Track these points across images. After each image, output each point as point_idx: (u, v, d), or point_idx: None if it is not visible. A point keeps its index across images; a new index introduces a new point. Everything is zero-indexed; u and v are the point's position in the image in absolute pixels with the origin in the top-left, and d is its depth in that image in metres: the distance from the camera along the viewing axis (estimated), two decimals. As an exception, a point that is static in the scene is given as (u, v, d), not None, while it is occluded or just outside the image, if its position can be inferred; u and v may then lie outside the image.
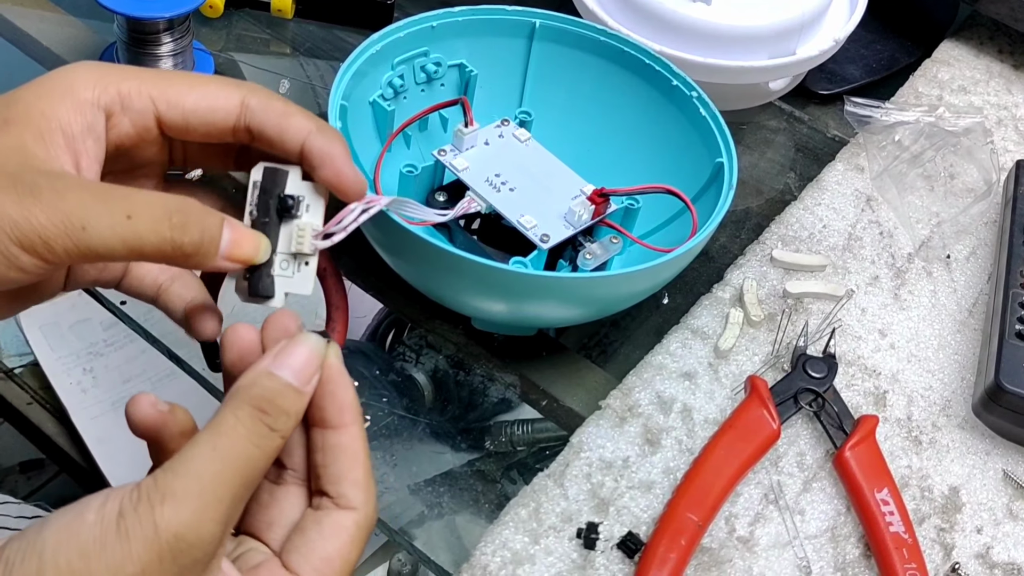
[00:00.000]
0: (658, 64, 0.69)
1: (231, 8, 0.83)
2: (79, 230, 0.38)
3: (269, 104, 0.45)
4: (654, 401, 0.64)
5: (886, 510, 0.60)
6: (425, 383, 0.74)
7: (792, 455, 0.63)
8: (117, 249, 0.39)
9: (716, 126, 0.67)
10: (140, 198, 0.40)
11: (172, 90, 0.44)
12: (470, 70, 0.70)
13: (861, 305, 0.71)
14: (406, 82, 0.68)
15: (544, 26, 0.70)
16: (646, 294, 0.64)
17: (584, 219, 0.63)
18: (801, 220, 0.75)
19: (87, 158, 0.42)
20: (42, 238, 0.38)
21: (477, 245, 0.64)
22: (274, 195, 0.45)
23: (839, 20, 0.83)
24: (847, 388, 0.66)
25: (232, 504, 0.37)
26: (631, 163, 0.71)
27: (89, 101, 0.42)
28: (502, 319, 0.66)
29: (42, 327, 0.99)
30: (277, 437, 0.39)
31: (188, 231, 0.40)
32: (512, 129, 0.68)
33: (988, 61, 0.89)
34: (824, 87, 0.86)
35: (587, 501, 0.60)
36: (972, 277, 0.74)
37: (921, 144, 0.78)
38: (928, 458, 0.64)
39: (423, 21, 0.67)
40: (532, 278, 0.58)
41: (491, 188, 0.64)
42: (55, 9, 0.81)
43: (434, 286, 0.63)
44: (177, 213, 0.40)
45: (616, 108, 0.72)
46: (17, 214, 0.37)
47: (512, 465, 0.72)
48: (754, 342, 0.68)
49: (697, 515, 0.58)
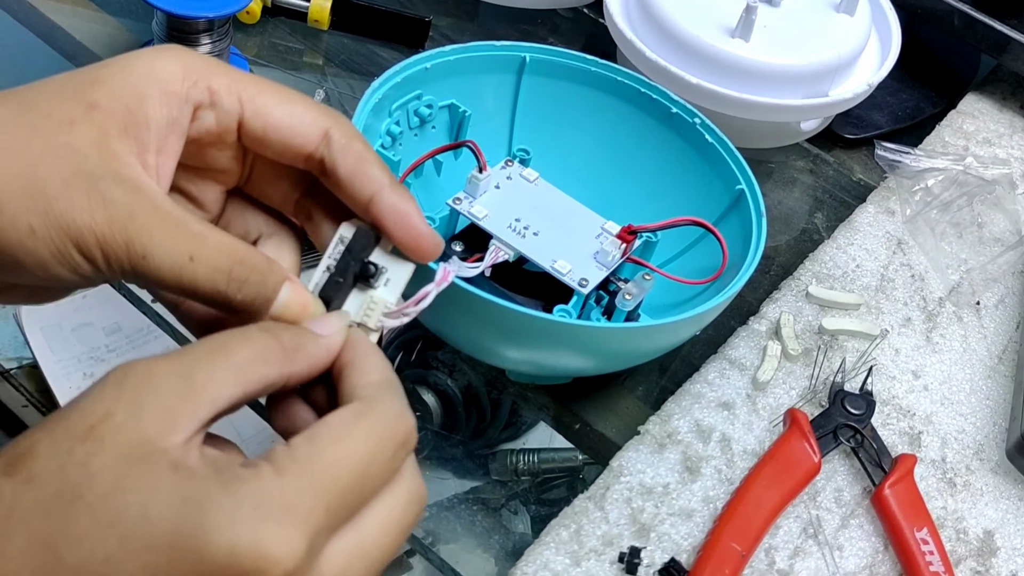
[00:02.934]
0: (655, 92, 0.68)
1: (267, 16, 0.82)
2: (140, 257, 0.37)
3: (350, 144, 0.43)
4: (693, 429, 0.63)
5: (926, 550, 0.60)
6: (434, 405, 0.73)
7: (830, 490, 0.63)
8: (170, 284, 0.38)
9: (727, 152, 0.66)
10: (209, 242, 0.38)
11: (261, 98, 0.42)
12: (463, 110, 0.67)
13: (895, 346, 0.70)
14: (402, 127, 0.65)
15: (534, 60, 0.68)
16: (694, 334, 0.63)
17: (615, 258, 0.62)
18: (835, 259, 0.75)
19: (166, 154, 0.40)
20: (103, 252, 0.37)
21: (508, 295, 0.61)
22: (358, 258, 0.43)
23: (871, 66, 0.83)
24: (882, 427, 0.66)
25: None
26: (637, 195, 0.70)
27: (177, 94, 0.40)
28: (546, 371, 0.64)
29: (44, 329, 0.97)
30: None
31: (245, 289, 0.39)
32: (519, 170, 0.65)
33: (1011, 115, 0.90)
34: (851, 132, 0.87)
35: (628, 525, 0.59)
36: (1001, 324, 0.74)
37: (952, 192, 0.78)
38: (963, 500, 0.64)
39: (417, 64, 0.64)
40: (610, 332, 0.56)
41: (516, 235, 0.61)
42: (89, 5, 0.80)
43: (471, 339, 0.61)
44: (240, 267, 0.39)
45: (615, 139, 0.70)
46: (84, 221, 0.37)
47: (515, 495, 0.71)
48: (791, 376, 0.67)
49: (740, 545, 0.57)
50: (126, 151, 0.39)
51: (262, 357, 0.37)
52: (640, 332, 0.59)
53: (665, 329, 0.57)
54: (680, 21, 0.77)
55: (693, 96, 0.76)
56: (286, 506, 0.33)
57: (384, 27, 0.83)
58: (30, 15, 0.78)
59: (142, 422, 0.34)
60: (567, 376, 0.66)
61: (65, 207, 0.36)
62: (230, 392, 0.36)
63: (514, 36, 0.88)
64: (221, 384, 0.35)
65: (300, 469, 0.34)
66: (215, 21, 0.72)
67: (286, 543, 0.33)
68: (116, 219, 0.37)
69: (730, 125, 0.77)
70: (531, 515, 0.69)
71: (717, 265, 0.62)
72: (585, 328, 0.56)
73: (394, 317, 0.44)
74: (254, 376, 0.36)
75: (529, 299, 0.62)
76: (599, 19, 0.87)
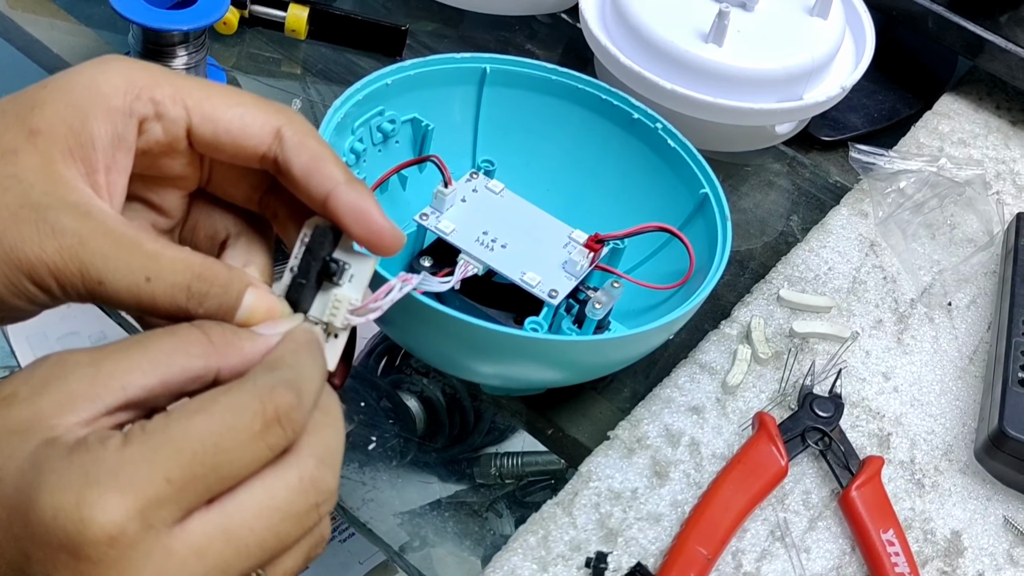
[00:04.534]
0: (616, 99, 0.68)
1: (244, 26, 0.82)
2: (95, 283, 0.37)
3: (303, 141, 0.42)
4: (662, 434, 0.64)
5: (892, 551, 0.60)
6: (418, 411, 0.73)
7: (798, 493, 0.63)
8: (129, 306, 0.38)
9: (690, 156, 0.66)
10: (164, 260, 0.38)
11: (208, 103, 0.42)
12: (425, 124, 0.68)
13: (865, 348, 0.71)
14: (365, 144, 0.65)
15: (495, 70, 0.68)
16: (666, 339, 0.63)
17: (584, 267, 0.62)
18: (807, 262, 0.75)
19: (115, 171, 0.40)
20: (57, 281, 0.37)
21: (478, 309, 0.62)
22: (318, 257, 0.43)
23: (845, 69, 0.84)
24: (851, 429, 0.67)
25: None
26: (603, 202, 0.70)
27: (121, 109, 0.40)
28: (520, 384, 0.65)
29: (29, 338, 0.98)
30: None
31: (206, 303, 0.39)
32: (484, 182, 0.65)
33: (987, 116, 0.90)
34: (827, 134, 0.88)
35: (595, 531, 0.59)
36: (972, 325, 0.74)
37: (924, 193, 0.79)
38: (931, 501, 0.65)
39: (378, 79, 0.64)
40: (580, 345, 0.57)
41: (484, 248, 0.62)
42: (67, 18, 0.81)
43: (443, 356, 0.61)
44: (198, 281, 0.39)
45: (578, 147, 0.70)
46: (34, 253, 0.37)
47: (499, 498, 0.72)
48: (761, 379, 0.68)
49: (707, 549, 0.58)
50: (73, 175, 0.39)
51: (184, 349, 0.37)
52: (611, 344, 0.59)
53: (636, 339, 0.58)
54: (654, 27, 0.78)
55: (668, 101, 0.77)
56: (115, 473, 0.33)
57: (361, 36, 0.84)
58: (8, 28, 0.79)
59: (40, 401, 0.34)
60: (540, 388, 0.67)
61: (14, 241, 0.37)
62: (142, 381, 0.36)
63: (493, 43, 0.89)
64: (132, 372, 0.35)
65: (144, 439, 0.34)
66: (190, 33, 0.72)
67: (109, 510, 0.32)
68: (67, 247, 0.37)
69: (705, 129, 0.78)
70: (515, 518, 0.70)
71: (685, 269, 0.63)
72: (555, 342, 0.57)
73: (360, 314, 0.43)
74: (174, 367, 0.36)
75: (500, 312, 0.62)
76: (577, 24, 0.88)
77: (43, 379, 0.35)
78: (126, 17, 0.69)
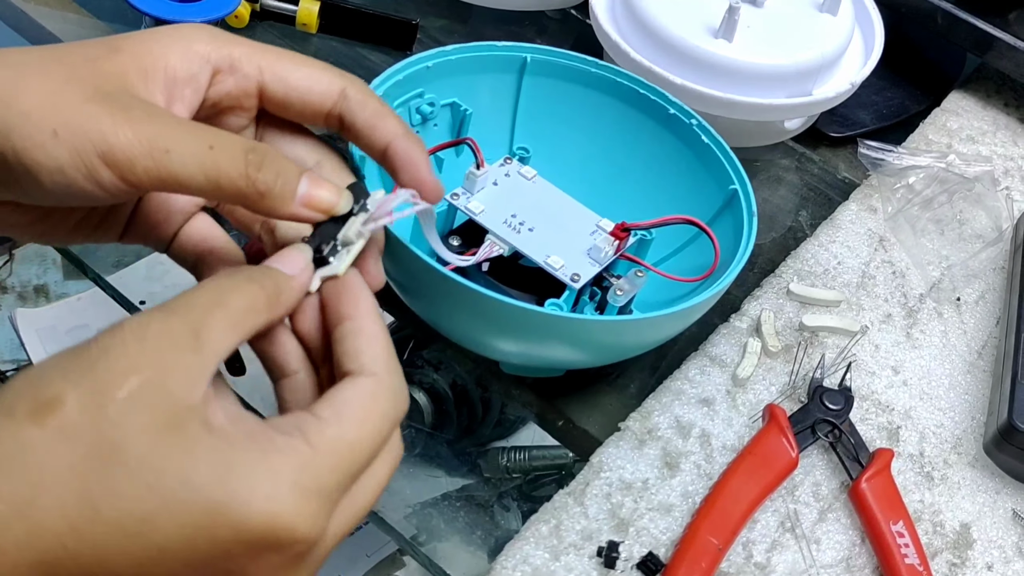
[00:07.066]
0: (653, 93, 0.69)
1: (256, 20, 0.83)
2: (163, 152, 0.39)
3: (367, 100, 0.46)
4: (673, 425, 0.64)
5: (901, 542, 0.60)
6: (425, 404, 0.74)
7: (808, 485, 0.64)
8: (196, 177, 0.40)
9: (722, 153, 0.67)
10: (224, 134, 0.41)
11: (280, 64, 0.45)
12: (464, 108, 0.69)
13: (875, 342, 0.71)
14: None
15: (535, 60, 0.69)
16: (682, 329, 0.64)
17: (609, 255, 0.63)
18: (816, 256, 0.76)
19: (181, 104, 0.43)
20: (126, 155, 0.39)
21: (503, 289, 0.63)
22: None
23: (854, 65, 0.84)
24: (861, 422, 0.67)
25: None
26: (632, 194, 0.71)
27: (200, 54, 0.43)
28: (538, 363, 0.65)
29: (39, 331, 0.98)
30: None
31: (264, 169, 0.41)
32: (517, 167, 0.67)
33: (995, 113, 0.90)
34: (836, 130, 0.88)
35: (607, 520, 0.60)
36: (981, 320, 0.75)
37: (933, 189, 0.79)
38: (940, 494, 0.65)
39: (419, 62, 0.66)
40: (597, 324, 0.58)
41: (511, 230, 0.63)
42: (79, 10, 0.81)
43: (465, 331, 0.62)
44: (254, 152, 0.41)
45: (613, 139, 0.71)
46: (106, 128, 0.38)
47: (506, 492, 0.72)
48: (771, 372, 0.68)
49: (718, 539, 0.58)
50: (142, 88, 0.41)
51: (253, 307, 0.39)
52: (628, 325, 0.59)
53: (653, 323, 0.58)
54: (664, 22, 0.78)
55: (678, 96, 0.77)
56: (319, 484, 0.36)
57: (372, 30, 0.84)
58: (20, 20, 0.79)
59: (168, 381, 0.35)
60: (560, 368, 0.67)
61: (88, 114, 0.39)
62: (229, 343, 0.38)
63: (503, 38, 0.89)
64: (223, 336, 0.37)
65: (330, 448, 0.37)
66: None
67: (313, 518, 0.36)
68: (138, 121, 0.39)
69: (715, 124, 0.78)
70: (522, 512, 0.70)
71: (709, 263, 0.63)
72: (574, 320, 0.57)
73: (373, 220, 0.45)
74: (247, 325, 0.39)
75: (523, 293, 0.63)
76: (586, 20, 0.88)
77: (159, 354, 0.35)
78: (139, 9, 0.70)
